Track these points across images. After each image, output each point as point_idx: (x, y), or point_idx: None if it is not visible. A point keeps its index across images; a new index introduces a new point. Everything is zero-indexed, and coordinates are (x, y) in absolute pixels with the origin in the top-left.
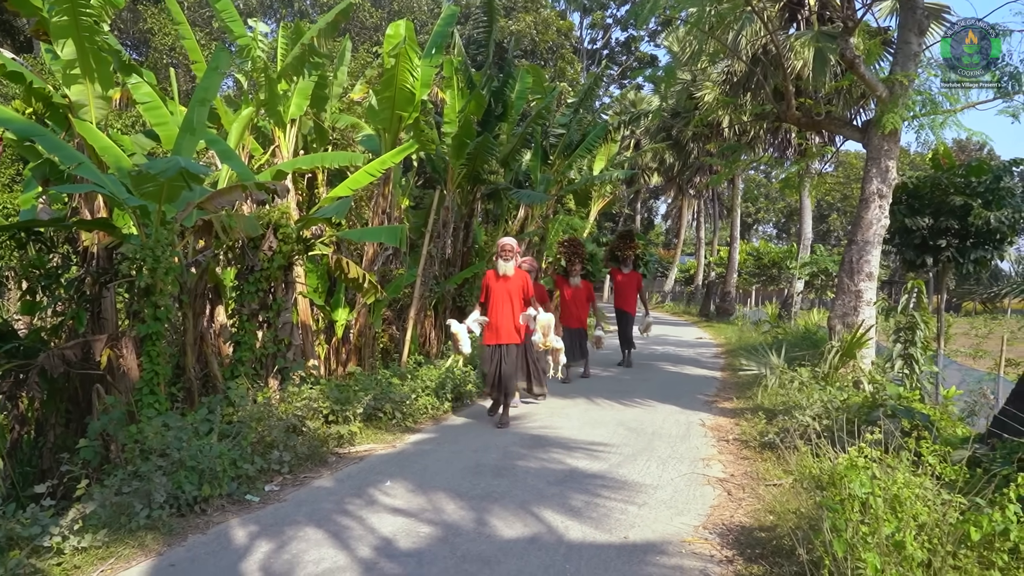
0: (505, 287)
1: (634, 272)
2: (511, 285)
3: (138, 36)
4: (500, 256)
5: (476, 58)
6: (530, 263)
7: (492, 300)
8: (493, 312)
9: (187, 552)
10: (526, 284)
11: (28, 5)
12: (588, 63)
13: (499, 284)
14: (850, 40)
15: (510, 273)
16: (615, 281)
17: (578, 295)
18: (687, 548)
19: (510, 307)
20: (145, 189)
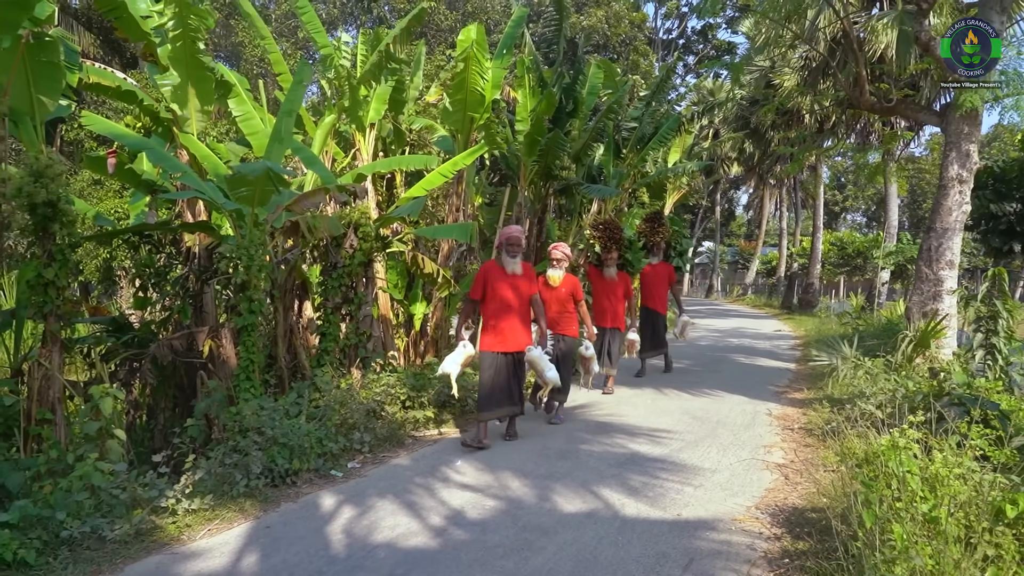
0: (552, 295)
1: (664, 263)
2: (559, 293)
3: (230, 49)
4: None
5: (548, 55)
6: (563, 251)
7: (498, 300)
8: (499, 314)
9: (280, 517)
10: (575, 289)
11: (136, 31)
12: (664, 53)
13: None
14: (925, 22)
15: (556, 284)
16: (641, 273)
17: (613, 289)
18: (737, 526)
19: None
20: (239, 193)
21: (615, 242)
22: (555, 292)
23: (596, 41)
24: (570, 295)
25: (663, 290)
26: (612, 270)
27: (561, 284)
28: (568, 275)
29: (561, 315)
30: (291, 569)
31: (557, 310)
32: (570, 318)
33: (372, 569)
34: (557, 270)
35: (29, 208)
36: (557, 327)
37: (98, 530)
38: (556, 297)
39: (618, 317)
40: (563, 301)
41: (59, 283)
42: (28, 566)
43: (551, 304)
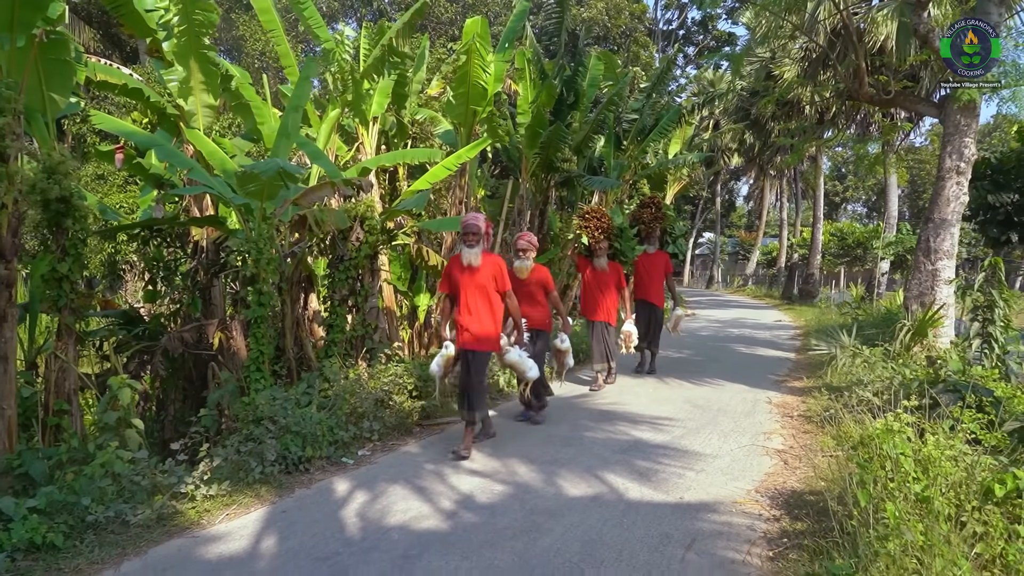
0: (520, 288)
1: (660, 252)
2: (528, 286)
3: (231, 43)
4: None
5: (549, 48)
6: (528, 239)
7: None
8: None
9: (295, 502)
10: (546, 280)
11: (143, 27)
12: (664, 44)
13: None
14: (924, 14)
15: (524, 276)
16: (636, 263)
17: (604, 280)
18: (738, 508)
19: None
20: (248, 189)
21: (604, 231)
22: (523, 285)
23: (596, 33)
24: (540, 286)
25: (659, 281)
26: (603, 260)
27: (530, 275)
28: (537, 265)
29: (532, 308)
30: (308, 551)
31: (527, 303)
32: (541, 311)
33: (387, 550)
34: (524, 260)
35: (43, 204)
36: (529, 321)
37: (121, 515)
38: (525, 290)
39: (610, 310)
40: (533, 294)
41: (73, 277)
42: (57, 549)
43: (520, 298)
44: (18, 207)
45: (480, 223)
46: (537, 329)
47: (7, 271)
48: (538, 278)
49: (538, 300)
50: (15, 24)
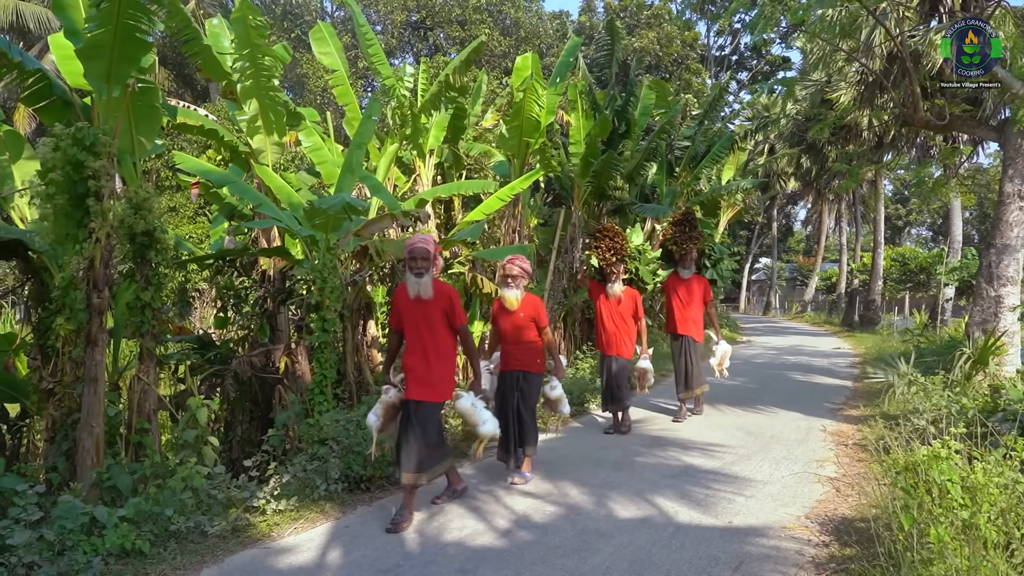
0: (509, 321)
1: (698, 276)
2: (517, 319)
3: (294, 80)
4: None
5: (600, 78)
6: (520, 265)
7: (407, 332)
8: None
9: (357, 518)
10: (538, 313)
11: (218, 71)
12: (716, 70)
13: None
14: None
15: (514, 307)
16: (665, 288)
17: (619, 310)
18: (786, 533)
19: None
20: (315, 222)
21: (618, 253)
22: (512, 317)
23: (648, 62)
24: (531, 320)
25: (697, 311)
26: (617, 286)
27: (520, 307)
28: (529, 296)
29: (520, 346)
30: (371, 563)
31: (515, 340)
32: (532, 350)
33: (444, 564)
34: (513, 289)
35: (129, 237)
36: (515, 362)
37: (200, 526)
38: (513, 323)
39: (625, 343)
40: (522, 328)
41: (155, 305)
42: (144, 555)
43: (508, 332)
44: (109, 241)
45: (430, 246)
46: (526, 371)
47: (99, 299)
48: (530, 311)
49: (528, 337)
50: (111, 76)
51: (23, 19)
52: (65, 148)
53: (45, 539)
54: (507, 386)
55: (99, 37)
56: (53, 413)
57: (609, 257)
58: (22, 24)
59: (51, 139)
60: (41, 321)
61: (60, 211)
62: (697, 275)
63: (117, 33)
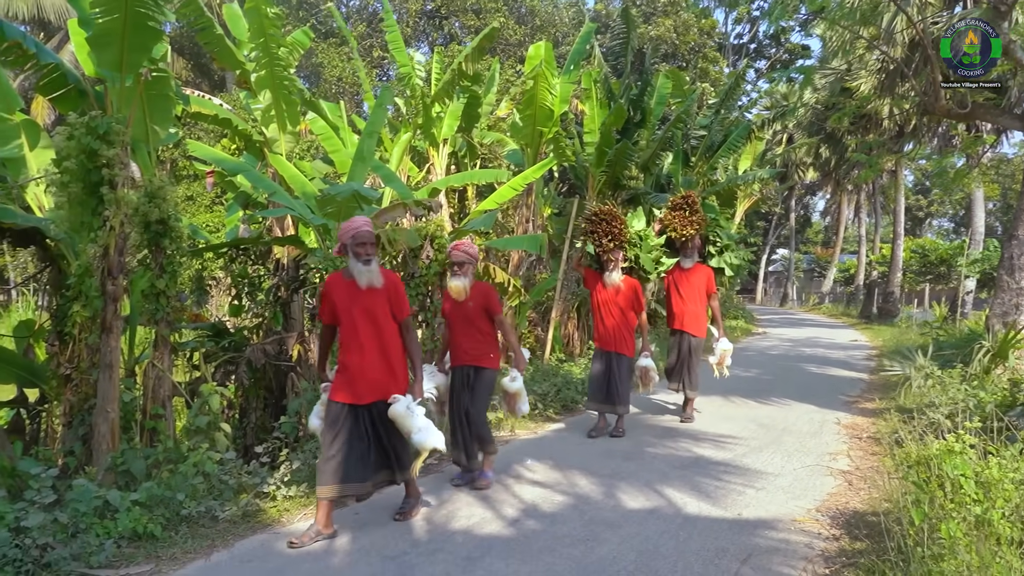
0: (458, 312)
1: (701, 266)
2: (467, 310)
3: (310, 69)
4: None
5: (616, 67)
6: (465, 250)
7: (344, 326)
8: (347, 346)
9: (366, 506)
10: (490, 302)
11: (233, 61)
12: (735, 59)
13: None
14: (1004, 24)
15: (461, 297)
16: (665, 280)
17: (616, 300)
18: (796, 526)
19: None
20: (327, 210)
21: (616, 238)
22: (461, 308)
23: (664, 51)
24: (482, 310)
25: (697, 303)
26: (616, 275)
27: (469, 297)
28: (479, 284)
29: (470, 338)
30: (379, 549)
31: (464, 332)
32: (483, 342)
33: (451, 551)
34: (459, 278)
35: (144, 225)
36: (465, 355)
37: (211, 510)
38: (462, 314)
39: (624, 339)
40: (472, 319)
41: (169, 293)
42: (155, 538)
43: (456, 325)
44: (124, 229)
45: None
46: (476, 366)
47: (114, 287)
48: (480, 300)
49: (479, 328)
50: (124, 65)
51: (43, 11)
52: (79, 137)
53: (59, 521)
54: (458, 382)
55: (108, 25)
56: (70, 398)
57: (606, 243)
58: (43, 16)
59: (66, 128)
60: (58, 308)
61: (75, 199)
62: (701, 264)
63: (127, 22)
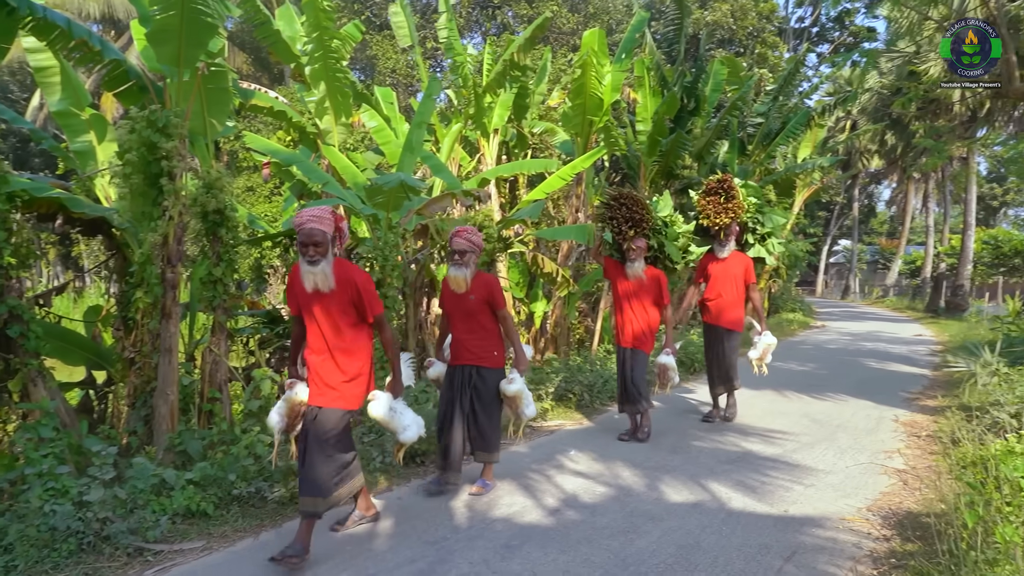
0: (457, 305)
1: (738, 254)
2: (468, 303)
3: (365, 62)
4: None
5: (670, 54)
6: (467, 237)
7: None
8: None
9: (410, 491)
10: (493, 294)
11: (288, 54)
12: (795, 43)
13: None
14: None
15: (462, 289)
16: (703, 272)
17: (638, 292)
18: (845, 525)
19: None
20: (376, 200)
21: (638, 224)
22: (462, 301)
23: (720, 36)
24: (485, 304)
25: (734, 296)
26: (638, 265)
27: (471, 289)
28: (481, 275)
29: (473, 335)
30: (420, 534)
31: (466, 328)
32: (487, 339)
33: (490, 539)
34: (461, 268)
35: (201, 215)
36: (467, 354)
37: (261, 491)
38: (464, 308)
39: (645, 334)
40: (475, 314)
41: (226, 280)
42: (208, 516)
43: (456, 319)
44: (182, 218)
45: (325, 225)
46: (479, 366)
47: (173, 274)
48: (483, 292)
49: (481, 323)
50: (181, 60)
51: (113, 9)
52: (140, 130)
53: (119, 497)
54: (457, 383)
55: (166, 22)
56: (134, 381)
57: (626, 230)
58: (112, 14)
59: (127, 122)
60: (123, 294)
61: (137, 190)
62: (739, 253)
63: (184, 18)
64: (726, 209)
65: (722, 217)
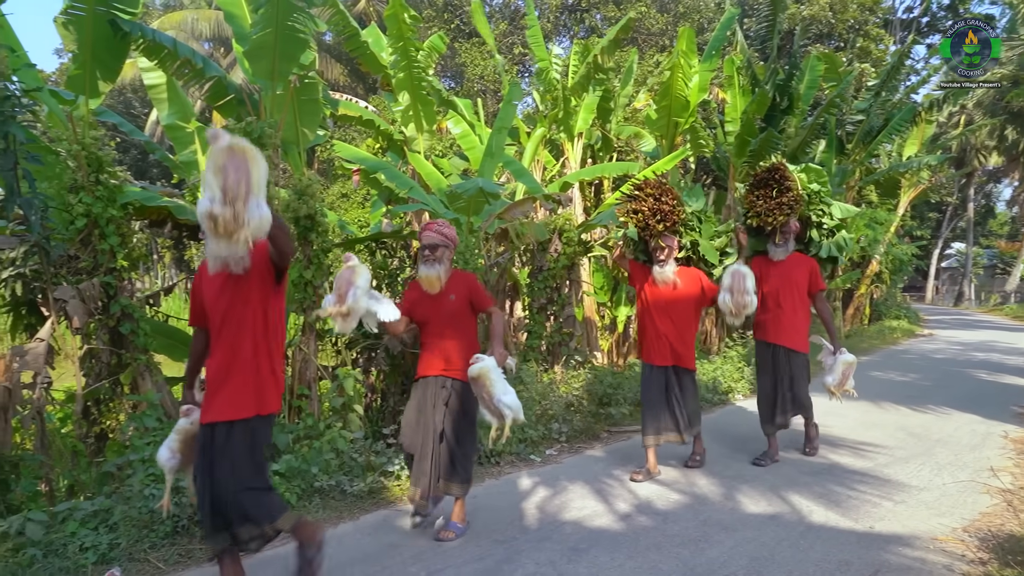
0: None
1: (800, 257)
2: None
3: (455, 69)
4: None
5: (763, 51)
6: (438, 230)
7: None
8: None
9: (484, 490)
10: (475, 293)
11: (376, 65)
12: (903, 34)
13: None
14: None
15: (435, 289)
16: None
17: (672, 302)
18: (937, 545)
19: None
20: (457, 205)
21: (667, 218)
22: (437, 303)
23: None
24: (465, 304)
25: (797, 307)
26: (669, 268)
27: (447, 288)
28: (460, 273)
29: (448, 342)
30: (490, 533)
31: (440, 333)
32: (466, 347)
33: (558, 541)
34: (433, 265)
35: (293, 220)
36: (441, 363)
37: (341, 485)
38: (439, 310)
39: (684, 349)
40: (453, 317)
41: (316, 282)
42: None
43: (431, 324)
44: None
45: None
46: (455, 378)
47: None
48: (462, 291)
49: (463, 329)
50: (275, 74)
51: (222, 28)
52: None
53: None
54: (429, 397)
55: (262, 39)
56: None
57: (654, 225)
58: (222, 32)
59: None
60: None
61: None
62: (800, 255)
63: (278, 34)
64: (779, 205)
65: (775, 215)
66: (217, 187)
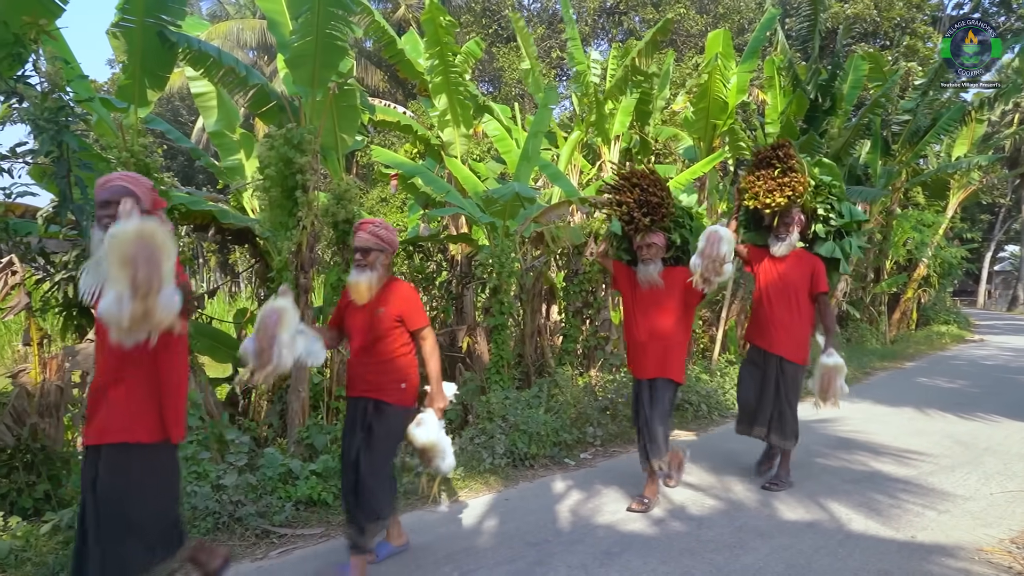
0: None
1: (803, 254)
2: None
3: (492, 74)
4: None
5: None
6: (373, 231)
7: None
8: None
9: (517, 493)
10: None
11: (413, 70)
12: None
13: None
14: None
15: (364, 299)
16: (755, 274)
17: (657, 305)
18: (982, 556)
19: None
20: (492, 209)
21: (655, 211)
22: (364, 314)
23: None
24: (395, 321)
25: (799, 311)
26: (653, 269)
27: (378, 300)
28: (397, 284)
29: (372, 359)
30: (523, 535)
31: (364, 349)
32: (391, 367)
33: (591, 544)
34: (363, 272)
35: (333, 224)
36: (363, 383)
37: None
38: (365, 324)
39: (670, 358)
40: (379, 332)
41: None
42: (328, 506)
43: (356, 338)
44: (314, 227)
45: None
46: (378, 400)
47: (306, 280)
48: (395, 305)
49: (388, 346)
50: (315, 81)
51: (267, 37)
52: (278, 147)
53: (250, 483)
54: (351, 421)
55: (302, 47)
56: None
57: (639, 217)
58: (267, 41)
59: (267, 139)
60: (264, 298)
61: (275, 202)
62: (803, 251)
63: (318, 42)
64: (780, 186)
65: (775, 196)
66: (125, 282)
